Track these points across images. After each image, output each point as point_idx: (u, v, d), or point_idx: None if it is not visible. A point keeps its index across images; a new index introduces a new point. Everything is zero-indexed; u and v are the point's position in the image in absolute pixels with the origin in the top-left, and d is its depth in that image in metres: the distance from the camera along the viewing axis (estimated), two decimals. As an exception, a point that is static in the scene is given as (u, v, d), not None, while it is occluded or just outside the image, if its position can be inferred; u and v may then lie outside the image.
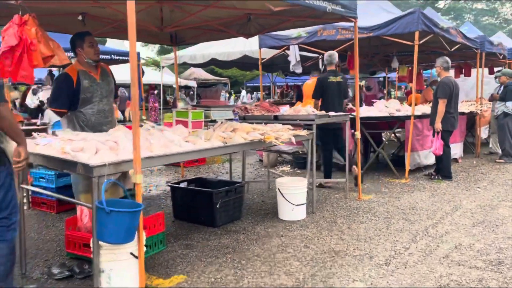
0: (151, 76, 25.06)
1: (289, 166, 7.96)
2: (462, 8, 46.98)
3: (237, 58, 12.73)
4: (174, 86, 27.26)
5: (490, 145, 9.12)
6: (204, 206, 4.34)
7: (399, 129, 7.27)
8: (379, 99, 7.70)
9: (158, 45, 46.24)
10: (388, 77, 16.95)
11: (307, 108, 5.32)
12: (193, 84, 24.82)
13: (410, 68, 11.42)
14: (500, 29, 42.70)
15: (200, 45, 15.59)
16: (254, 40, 7.75)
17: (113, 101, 4.21)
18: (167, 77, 25.04)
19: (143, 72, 10.64)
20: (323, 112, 5.20)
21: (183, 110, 4.22)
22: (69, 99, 3.70)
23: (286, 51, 8.06)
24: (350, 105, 7.12)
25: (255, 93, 27.62)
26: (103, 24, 5.33)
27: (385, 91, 13.54)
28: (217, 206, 4.27)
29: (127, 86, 24.93)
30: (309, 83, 7.27)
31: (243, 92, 22.94)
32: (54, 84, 3.93)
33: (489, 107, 9.09)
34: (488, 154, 9.03)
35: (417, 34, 6.33)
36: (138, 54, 10.49)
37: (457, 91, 6.51)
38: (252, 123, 4.67)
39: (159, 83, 25.16)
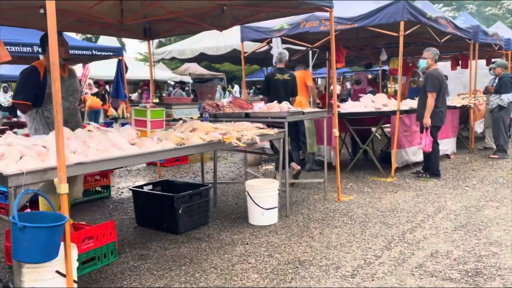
0: (145, 71, 24.79)
1: (273, 164, 7.66)
2: (464, -1, 46.36)
3: (227, 52, 12.42)
4: (169, 81, 27.01)
5: (486, 140, 8.79)
6: (166, 212, 4.06)
7: (388, 125, 6.95)
8: (369, 93, 7.34)
9: (157, 40, 46.42)
10: (385, 70, 16.58)
11: (282, 105, 5.01)
12: (188, 79, 24.54)
13: (407, 60, 11.10)
14: (503, 19, 42.04)
15: (189, 39, 15.29)
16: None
17: (77, 102, 4.05)
18: (163, 73, 24.80)
19: (126, 68, 10.31)
20: (299, 109, 4.88)
21: (141, 108, 3.92)
22: (34, 92, 3.63)
23: (269, 44, 7.72)
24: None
25: (254, 87, 27.26)
26: (66, 18, 5.03)
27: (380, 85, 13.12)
28: (180, 211, 3.98)
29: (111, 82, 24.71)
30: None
31: (236, 87, 22.52)
32: (20, 76, 3.78)
33: (485, 100, 8.73)
34: (482, 149, 8.69)
35: (402, 25, 5.99)
36: (121, 49, 10.23)
37: (446, 84, 6.19)
38: (228, 121, 4.41)
39: (154, 78, 24.90)
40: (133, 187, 4.43)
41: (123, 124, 5.44)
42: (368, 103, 6.81)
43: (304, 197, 5.37)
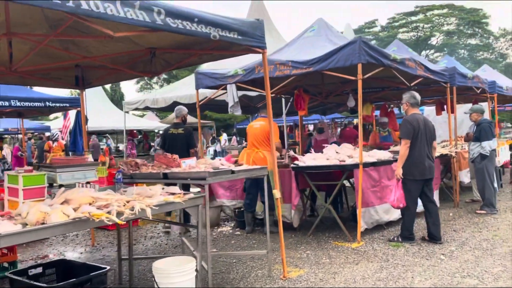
0: (132, 121, 24.37)
1: (232, 224, 6.77)
2: (456, 44, 47.00)
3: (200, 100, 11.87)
4: (156, 130, 26.42)
5: (473, 192, 7.91)
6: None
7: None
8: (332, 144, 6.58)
9: (139, 85, 46.48)
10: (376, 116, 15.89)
11: (214, 162, 4.22)
12: (174, 128, 23.97)
13: (387, 105, 10.41)
14: (496, 63, 42.45)
15: (163, 89, 14.74)
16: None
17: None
18: (150, 122, 24.35)
19: (86, 119, 9.65)
20: (227, 166, 4.07)
21: (13, 173, 3.13)
22: None
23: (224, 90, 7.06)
24: (291, 152, 6.03)
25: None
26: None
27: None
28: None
29: (102, 133, 24.18)
30: (255, 126, 6.22)
31: (224, 136, 21.87)
32: None
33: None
34: (470, 202, 7.80)
35: (359, 67, 5.32)
36: (78, 99, 9.59)
37: (429, 131, 5.29)
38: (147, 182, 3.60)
39: (141, 128, 24.49)
40: (11, 272, 3.53)
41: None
42: (332, 155, 6.02)
43: (246, 272, 4.45)
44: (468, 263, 4.38)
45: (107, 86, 46.41)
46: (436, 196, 7.08)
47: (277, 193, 4.06)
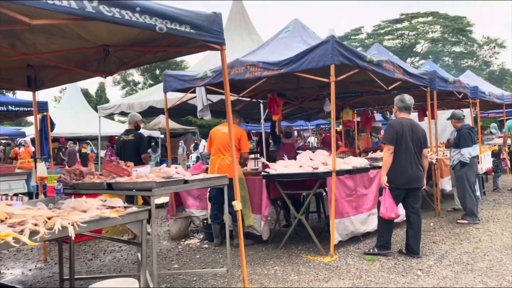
0: (114, 127, 23.78)
1: (202, 236, 6.34)
2: (440, 52, 47.39)
3: (177, 105, 11.45)
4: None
5: (455, 200, 7.61)
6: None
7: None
8: (298, 150, 6.22)
9: (124, 90, 45.69)
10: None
11: (168, 169, 3.81)
12: (157, 134, 23.52)
13: (365, 111, 10.11)
14: (480, 71, 42.84)
15: (139, 94, 14.26)
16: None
17: None
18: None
19: (52, 124, 9.18)
20: (182, 175, 3.67)
21: None
22: None
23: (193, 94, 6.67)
24: (262, 159, 5.65)
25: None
26: None
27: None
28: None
29: (82, 139, 23.51)
30: (222, 131, 5.81)
31: (203, 142, 21.39)
32: None
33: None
34: (452, 211, 7.49)
35: (332, 68, 4.99)
36: (45, 103, 9.11)
37: (417, 137, 4.84)
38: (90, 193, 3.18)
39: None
40: None
41: None
42: (305, 162, 5.65)
43: (204, 292, 4.04)
44: (447, 280, 4.03)
45: (92, 92, 45.72)
46: (416, 205, 6.79)
47: (237, 205, 3.66)
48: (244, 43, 11.43)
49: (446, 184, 8.10)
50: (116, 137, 23.71)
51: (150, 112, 12.96)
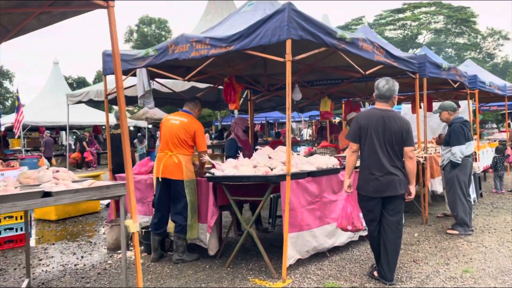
0: (98, 116, 22.80)
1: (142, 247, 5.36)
2: (443, 43, 46.05)
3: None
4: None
5: (446, 205, 6.62)
6: None
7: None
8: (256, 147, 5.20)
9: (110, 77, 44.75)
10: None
11: (35, 174, 2.82)
12: (143, 124, 22.57)
13: (349, 100, 9.06)
14: (483, 63, 41.57)
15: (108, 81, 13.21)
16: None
17: None
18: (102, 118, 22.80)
19: None
20: (62, 180, 2.66)
21: None
22: None
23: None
24: (206, 157, 4.64)
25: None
26: None
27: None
28: None
29: (64, 129, 22.47)
30: (173, 122, 4.80)
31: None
32: None
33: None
34: (442, 217, 6.51)
35: (288, 44, 3.95)
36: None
37: (391, 133, 3.75)
38: None
39: (91, 124, 22.90)
40: None
41: None
42: (262, 161, 4.64)
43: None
44: (421, 325, 3.05)
45: (90, 80, 44.52)
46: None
47: (131, 225, 2.66)
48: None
49: (438, 184, 7.09)
50: (100, 127, 22.51)
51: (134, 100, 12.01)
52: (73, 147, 20.90)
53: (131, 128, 24.23)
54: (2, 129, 18.40)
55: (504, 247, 4.85)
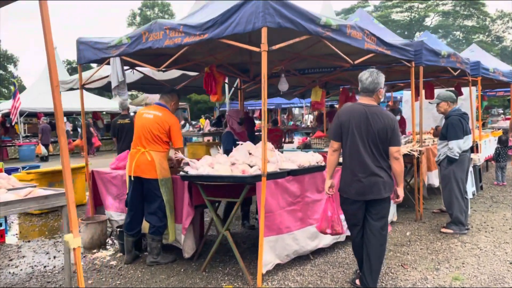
0: (99, 102, 22.52)
1: (116, 247, 5.12)
2: (451, 26, 44.98)
3: (136, 80, 10.12)
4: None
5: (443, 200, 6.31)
6: None
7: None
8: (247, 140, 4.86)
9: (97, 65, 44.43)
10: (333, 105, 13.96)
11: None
12: (143, 110, 22.23)
13: (344, 89, 8.68)
14: (491, 46, 40.58)
15: (103, 68, 12.85)
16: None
17: None
18: (115, 103, 22.54)
19: None
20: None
21: None
22: None
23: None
24: (179, 155, 4.34)
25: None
26: None
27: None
28: None
29: (68, 114, 22.18)
30: (146, 116, 4.50)
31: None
32: None
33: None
34: (438, 213, 6.21)
35: (264, 33, 3.60)
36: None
37: (374, 130, 3.38)
38: None
39: (106, 110, 22.69)
40: None
41: None
42: (241, 158, 4.33)
43: None
44: None
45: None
46: (393, 208, 5.49)
47: (71, 241, 2.38)
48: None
49: (435, 178, 6.78)
50: (100, 113, 22.16)
51: (109, 87, 11.71)
52: (71, 133, 20.70)
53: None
54: (-1, 115, 18.21)
55: (500, 249, 4.55)
